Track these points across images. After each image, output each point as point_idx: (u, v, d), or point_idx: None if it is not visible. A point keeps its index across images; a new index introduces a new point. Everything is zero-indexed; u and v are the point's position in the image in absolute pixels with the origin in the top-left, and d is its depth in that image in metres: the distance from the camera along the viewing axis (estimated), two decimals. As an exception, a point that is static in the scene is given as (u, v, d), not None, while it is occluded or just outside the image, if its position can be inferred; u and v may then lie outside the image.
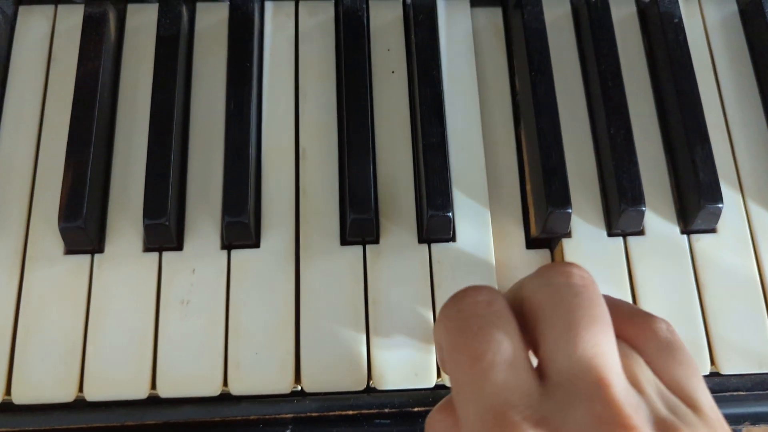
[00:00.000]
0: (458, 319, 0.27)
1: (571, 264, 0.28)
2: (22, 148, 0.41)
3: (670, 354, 0.28)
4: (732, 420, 0.38)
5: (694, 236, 0.40)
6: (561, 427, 0.24)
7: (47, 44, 0.44)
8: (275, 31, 0.45)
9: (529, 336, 0.28)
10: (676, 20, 0.44)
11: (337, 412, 0.37)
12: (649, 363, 0.28)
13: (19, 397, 0.36)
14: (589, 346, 0.25)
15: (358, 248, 0.39)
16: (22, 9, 0.45)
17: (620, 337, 0.28)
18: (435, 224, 0.38)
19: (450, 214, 0.38)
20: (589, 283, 0.27)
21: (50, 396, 0.36)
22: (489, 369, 0.25)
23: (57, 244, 0.39)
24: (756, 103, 0.43)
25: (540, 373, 0.26)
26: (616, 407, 0.24)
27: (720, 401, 0.38)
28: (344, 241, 0.39)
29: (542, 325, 0.27)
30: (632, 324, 0.29)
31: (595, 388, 0.24)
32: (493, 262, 0.39)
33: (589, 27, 0.44)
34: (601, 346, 0.25)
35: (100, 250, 0.39)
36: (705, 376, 0.38)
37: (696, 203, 0.39)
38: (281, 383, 0.37)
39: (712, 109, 0.43)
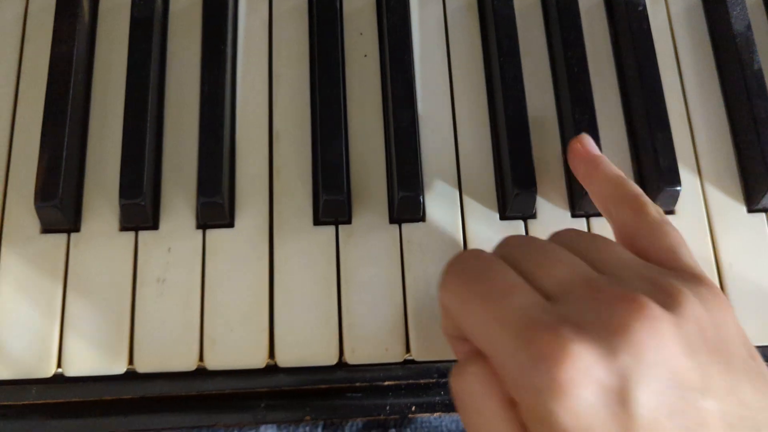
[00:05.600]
0: (460, 273, 0.30)
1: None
2: (-4, 127, 0.42)
3: (660, 230, 0.33)
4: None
5: (653, 217, 0.41)
6: (581, 322, 0.26)
7: (20, 25, 0.44)
8: (249, 13, 0.45)
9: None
10: (640, 8, 0.45)
11: (310, 386, 0.39)
12: (642, 239, 0.32)
13: (-2, 372, 0.37)
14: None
15: (331, 228, 0.40)
16: (-6, -11, 0.45)
17: (617, 219, 0.34)
18: (405, 205, 0.39)
19: (420, 195, 0.39)
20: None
21: (29, 371, 0.37)
22: (502, 298, 0.28)
23: (33, 223, 0.39)
24: (716, 90, 0.45)
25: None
26: (618, 292, 0.27)
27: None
28: (317, 221, 0.40)
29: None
30: (628, 207, 0.34)
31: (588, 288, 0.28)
32: (462, 241, 0.40)
33: (556, 14, 0.45)
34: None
35: (77, 229, 0.40)
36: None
37: (655, 186, 0.40)
38: (256, 358, 0.38)
39: (673, 95, 0.44)
